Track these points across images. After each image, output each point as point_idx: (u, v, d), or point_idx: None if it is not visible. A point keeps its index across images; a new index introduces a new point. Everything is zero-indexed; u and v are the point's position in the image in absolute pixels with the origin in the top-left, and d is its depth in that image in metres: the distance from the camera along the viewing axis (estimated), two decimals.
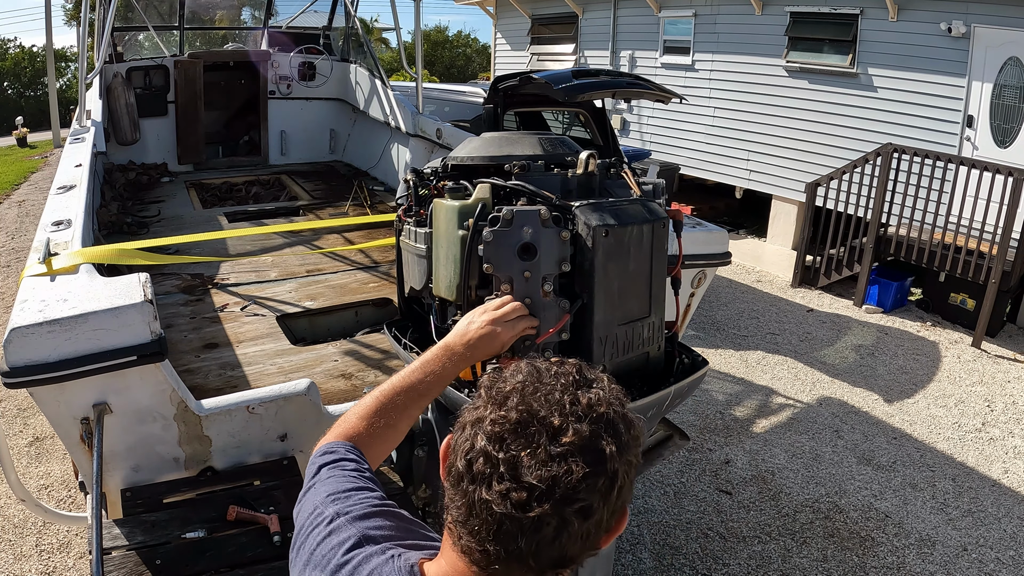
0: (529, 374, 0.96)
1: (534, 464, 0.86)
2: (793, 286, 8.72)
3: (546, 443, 0.87)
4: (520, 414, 0.89)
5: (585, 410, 0.90)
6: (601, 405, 0.91)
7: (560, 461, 0.86)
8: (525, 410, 0.90)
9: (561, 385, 0.93)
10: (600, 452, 0.87)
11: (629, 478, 0.91)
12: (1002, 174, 6.80)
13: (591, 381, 0.96)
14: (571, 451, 0.86)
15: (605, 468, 0.87)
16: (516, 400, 0.91)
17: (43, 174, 14.85)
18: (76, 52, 25.42)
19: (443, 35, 38.41)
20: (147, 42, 7.77)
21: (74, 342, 2.13)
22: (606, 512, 0.89)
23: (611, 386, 0.97)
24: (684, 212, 2.67)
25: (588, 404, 0.91)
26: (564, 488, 0.85)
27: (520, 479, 0.86)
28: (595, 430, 0.88)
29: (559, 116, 8.53)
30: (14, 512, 4.21)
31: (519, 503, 0.85)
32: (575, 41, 12.87)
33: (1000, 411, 5.81)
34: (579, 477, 0.85)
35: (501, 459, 0.87)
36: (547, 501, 0.85)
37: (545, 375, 0.95)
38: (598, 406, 0.91)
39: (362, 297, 3.91)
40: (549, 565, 0.89)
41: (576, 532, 0.87)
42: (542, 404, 0.90)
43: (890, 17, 8.32)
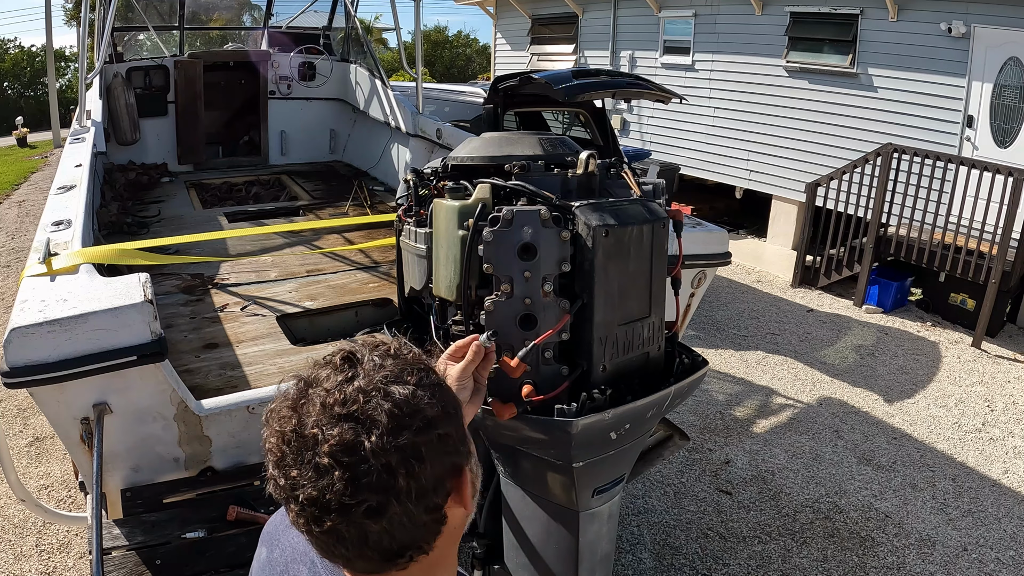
0: (297, 384, 0.93)
1: (306, 483, 0.85)
2: (793, 286, 8.72)
3: (310, 458, 0.85)
4: (287, 434, 0.88)
5: (339, 409, 0.87)
6: (356, 399, 0.87)
7: (325, 474, 0.84)
8: (291, 428, 0.88)
9: (323, 388, 0.89)
10: (359, 450, 0.85)
11: (420, 458, 0.87)
12: (1002, 174, 6.80)
13: (356, 369, 0.92)
14: (330, 462, 0.84)
15: (370, 465, 0.84)
16: (283, 417, 0.89)
17: (43, 174, 14.85)
18: (76, 52, 25.44)
19: (443, 35, 38.41)
20: (147, 42, 7.78)
21: (74, 342, 2.13)
22: (408, 500, 0.87)
23: (384, 362, 0.94)
24: (684, 212, 2.68)
25: (341, 402, 0.87)
26: (338, 499, 0.84)
27: (299, 500, 0.86)
28: (349, 429, 0.85)
29: (559, 116, 8.54)
30: (14, 512, 4.21)
31: (313, 520, 0.86)
32: (575, 41, 12.87)
33: (1000, 411, 5.81)
34: (342, 486, 0.84)
35: (283, 484, 0.88)
36: (331, 513, 0.85)
37: (312, 378, 0.92)
38: (353, 401, 0.87)
39: (362, 297, 3.91)
40: (387, 557, 0.90)
41: (383, 528, 0.87)
42: (303, 415, 0.88)
43: (890, 17, 8.32)
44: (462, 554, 3.92)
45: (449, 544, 0.99)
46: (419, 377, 0.93)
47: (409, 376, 0.92)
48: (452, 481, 0.93)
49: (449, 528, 0.95)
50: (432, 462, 0.89)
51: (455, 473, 0.93)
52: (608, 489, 2.00)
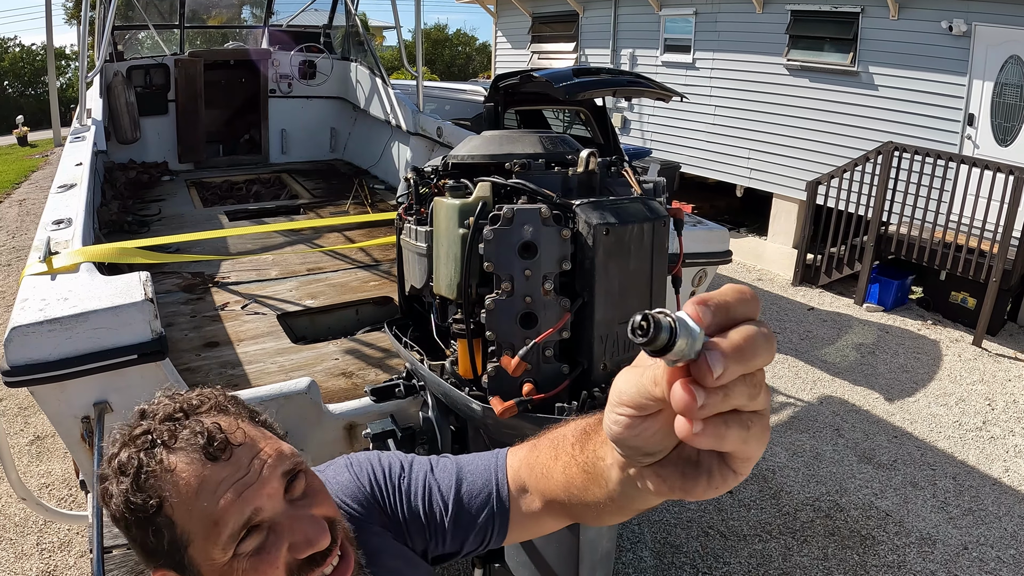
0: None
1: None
2: (794, 284, 8.72)
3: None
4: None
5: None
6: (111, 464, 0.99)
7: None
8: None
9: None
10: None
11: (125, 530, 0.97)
12: (1003, 173, 6.79)
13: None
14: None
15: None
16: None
17: (43, 173, 14.85)
18: (76, 51, 25.41)
19: (443, 33, 38.37)
20: (147, 41, 7.77)
21: (75, 341, 2.13)
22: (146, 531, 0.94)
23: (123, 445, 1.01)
24: (685, 210, 2.67)
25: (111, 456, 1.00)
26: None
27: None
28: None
29: (560, 114, 8.54)
30: (15, 511, 4.21)
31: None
32: (576, 39, 12.86)
33: (1001, 410, 5.81)
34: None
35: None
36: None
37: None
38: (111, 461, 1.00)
39: (363, 295, 3.91)
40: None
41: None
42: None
43: (891, 15, 8.31)
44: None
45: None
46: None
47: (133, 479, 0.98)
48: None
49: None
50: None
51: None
52: None
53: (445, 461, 1.19)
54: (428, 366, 2.20)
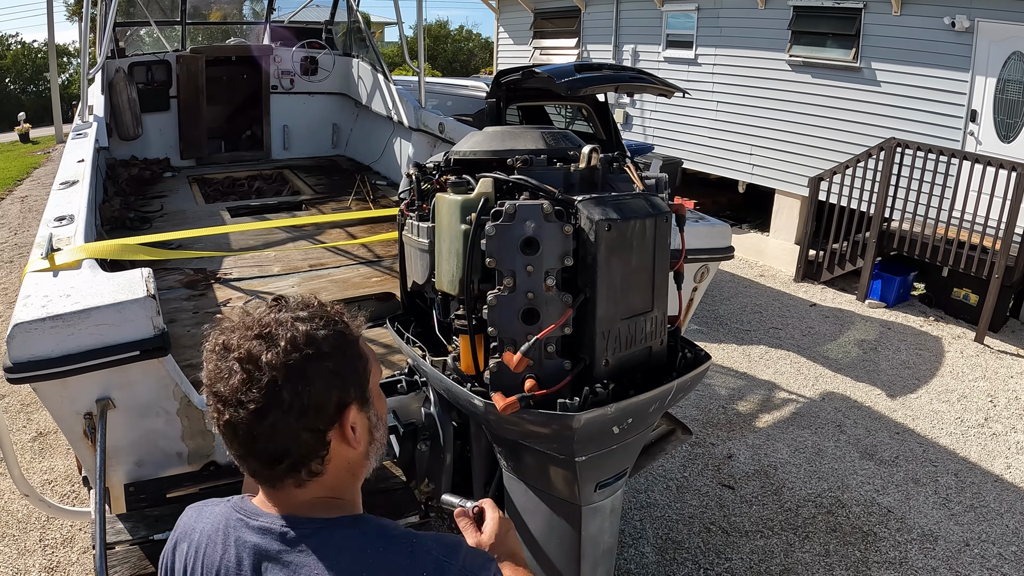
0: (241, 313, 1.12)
1: (219, 380, 1.05)
2: (796, 281, 8.71)
3: (224, 362, 1.06)
4: (219, 345, 1.08)
5: (256, 329, 1.06)
6: (270, 324, 1.07)
7: (230, 375, 1.04)
8: (223, 342, 1.08)
9: (251, 316, 1.10)
10: (257, 361, 1.03)
11: (305, 380, 1.04)
12: (1005, 169, 6.77)
13: (279, 308, 1.12)
14: (236, 366, 1.04)
15: (263, 374, 1.03)
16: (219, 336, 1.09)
17: (45, 170, 14.86)
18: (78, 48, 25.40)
19: (445, 29, 38.31)
20: (149, 37, 7.77)
21: (77, 337, 2.13)
22: (289, 413, 1.03)
23: (306, 306, 1.12)
24: (687, 206, 2.67)
25: (259, 324, 1.07)
26: (235, 395, 1.03)
27: (212, 390, 1.06)
28: (256, 344, 1.04)
29: (562, 110, 8.52)
30: (18, 507, 4.22)
31: (217, 411, 1.06)
32: (578, 35, 12.84)
33: (1003, 406, 5.80)
34: (240, 384, 1.03)
35: (205, 383, 1.08)
36: (228, 407, 1.04)
37: (251, 310, 1.13)
38: (267, 325, 1.07)
39: (365, 292, 3.91)
40: (271, 460, 1.06)
41: (265, 430, 1.03)
42: (228, 332, 1.08)
43: (893, 11, 8.29)
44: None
45: (345, 478, 1.14)
46: (327, 322, 1.11)
47: (319, 319, 1.10)
48: (336, 413, 1.08)
49: (337, 458, 1.10)
50: (316, 387, 1.05)
51: (340, 407, 1.08)
52: (611, 483, 2.01)
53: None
54: (430, 362, 2.20)
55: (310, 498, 1.10)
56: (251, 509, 1.14)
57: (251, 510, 1.14)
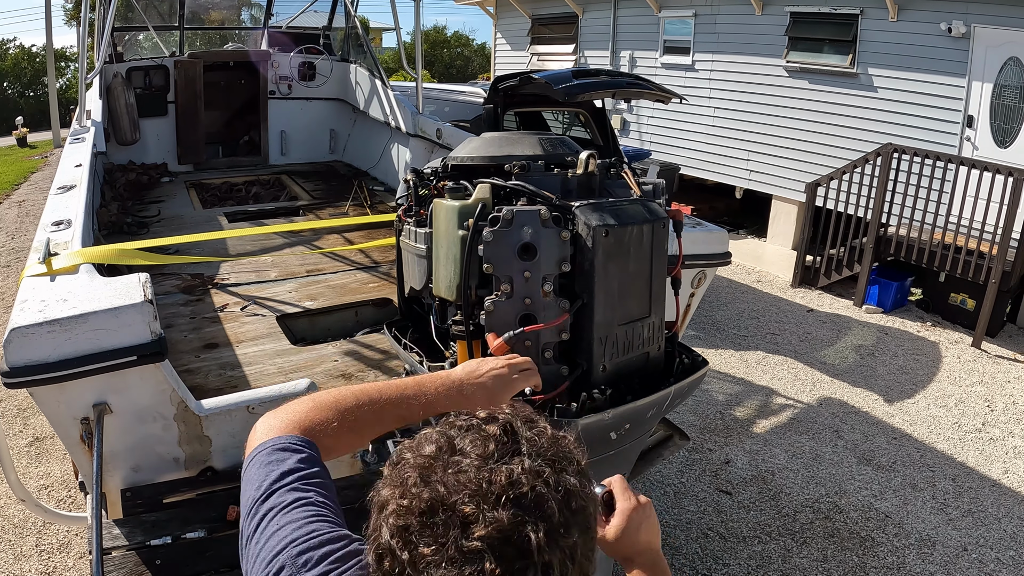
0: (440, 442, 0.80)
1: (445, 564, 0.72)
2: (793, 286, 8.72)
3: (456, 537, 0.73)
4: (424, 502, 0.75)
5: (504, 489, 0.75)
6: (526, 481, 0.76)
7: (473, 560, 0.72)
8: (430, 496, 0.75)
9: (477, 456, 0.77)
10: (523, 544, 0.73)
11: (574, 559, 0.77)
12: (1002, 174, 6.79)
13: (518, 445, 0.80)
14: (485, 547, 0.72)
15: (531, 562, 0.73)
16: (420, 480, 0.77)
17: (43, 174, 14.84)
18: (76, 52, 25.43)
19: (442, 35, 38.38)
20: (147, 42, 7.77)
21: (74, 342, 2.13)
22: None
23: (550, 445, 0.82)
24: (684, 212, 2.68)
25: (508, 482, 0.75)
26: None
27: (420, 569, 0.73)
28: (516, 516, 0.73)
29: (559, 116, 8.53)
30: (14, 512, 4.21)
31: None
32: (575, 41, 12.86)
33: (1000, 411, 5.81)
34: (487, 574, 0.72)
35: (405, 559, 0.74)
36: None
37: (460, 441, 0.80)
38: (521, 483, 0.75)
39: (362, 297, 3.91)
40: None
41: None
42: (451, 485, 0.75)
43: (890, 17, 8.32)
44: None
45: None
46: (577, 467, 0.82)
47: (570, 465, 0.81)
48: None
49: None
50: (579, 565, 0.78)
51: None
52: None
53: None
54: (428, 368, 2.20)
55: None
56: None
57: None
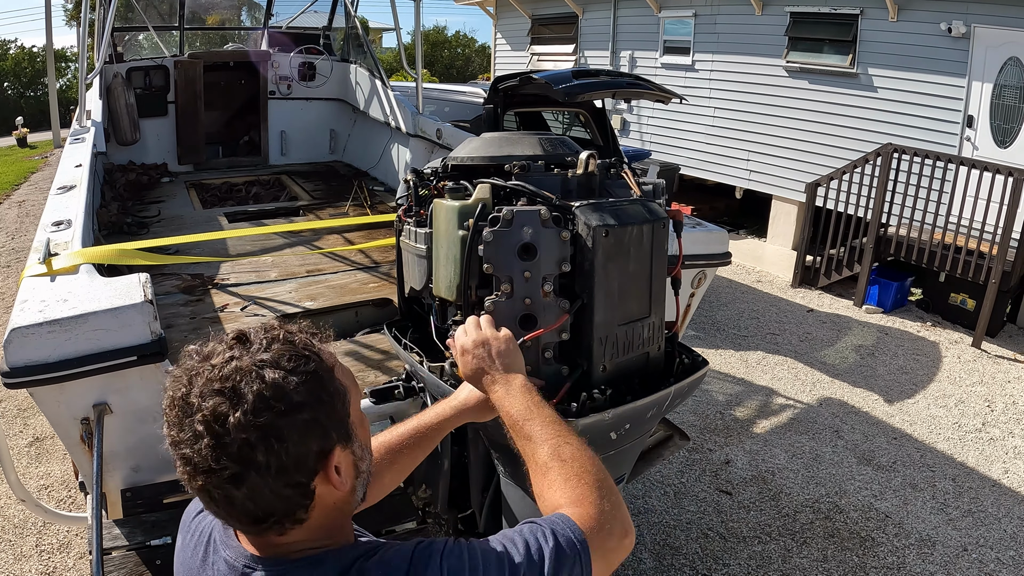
0: (198, 358, 1.01)
1: (184, 443, 0.96)
2: (793, 286, 8.72)
3: (188, 423, 0.95)
4: (179, 399, 0.97)
5: (216, 383, 0.96)
6: (229, 375, 0.96)
7: (196, 439, 0.94)
8: (182, 395, 0.97)
9: (211, 364, 0.98)
10: (224, 423, 0.93)
11: (280, 438, 0.95)
12: (1002, 174, 6.80)
13: (246, 349, 1.01)
14: (203, 428, 0.93)
15: (233, 438, 0.93)
16: (178, 386, 0.98)
17: (43, 174, 14.85)
18: (76, 52, 25.41)
19: (442, 35, 38.38)
20: (147, 42, 7.77)
21: (74, 342, 2.13)
22: (267, 474, 0.95)
23: (269, 346, 1.01)
24: (684, 212, 2.68)
25: (220, 376, 0.96)
26: (205, 463, 0.94)
27: (179, 452, 0.97)
28: (219, 403, 0.94)
29: (559, 116, 8.54)
30: (14, 512, 4.21)
31: (188, 477, 0.97)
32: (575, 41, 12.87)
33: (1000, 411, 5.81)
34: (209, 451, 0.93)
35: (169, 442, 0.98)
36: (199, 473, 0.95)
37: (209, 351, 1.02)
38: (227, 378, 0.96)
39: (362, 297, 3.90)
40: (252, 522, 0.99)
41: (244, 495, 0.95)
42: (193, 384, 0.97)
43: (890, 17, 8.32)
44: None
45: (332, 516, 1.05)
46: (297, 364, 1.00)
47: (288, 362, 0.99)
48: (319, 462, 1.00)
49: (322, 503, 1.02)
50: (293, 443, 0.96)
51: (321, 456, 1.00)
52: None
53: None
54: (428, 368, 2.20)
55: (291, 541, 1.03)
56: (228, 536, 1.09)
57: (227, 537, 1.09)
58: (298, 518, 1.00)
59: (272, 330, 1.05)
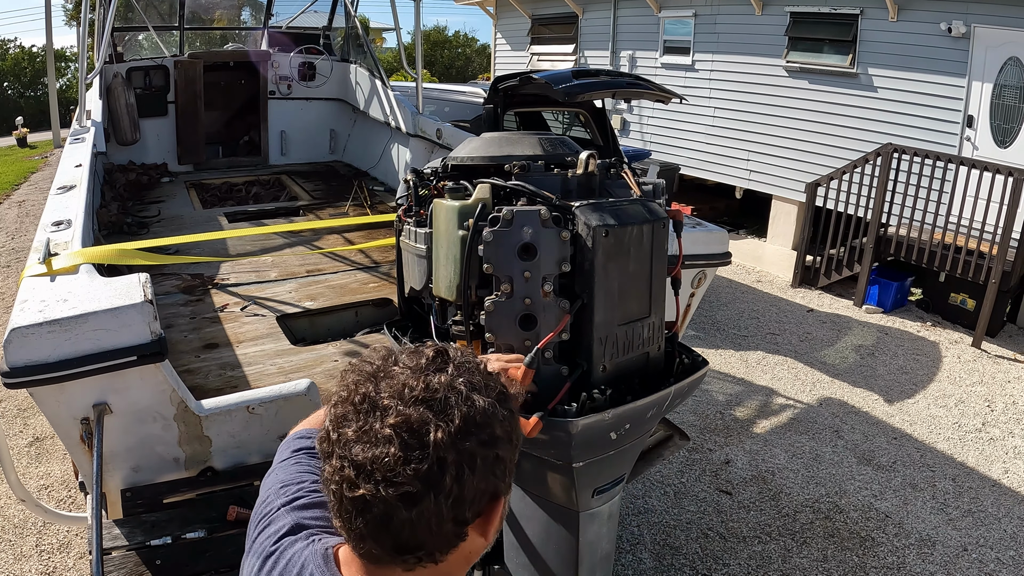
0: (384, 355, 0.97)
1: (360, 443, 0.87)
2: (793, 286, 8.72)
3: (372, 424, 0.88)
4: (356, 395, 0.91)
5: (420, 392, 0.89)
6: (439, 389, 0.90)
7: (381, 444, 0.86)
8: (362, 392, 0.91)
9: (409, 367, 0.93)
10: (424, 437, 0.86)
11: (473, 467, 0.89)
12: (1002, 174, 6.79)
13: (446, 365, 0.95)
14: (393, 434, 0.86)
15: (427, 453, 0.86)
16: (359, 381, 0.93)
17: (43, 174, 14.85)
18: (76, 52, 25.42)
19: (442, 35, 38.38)
20: (147, 42, 7.77)
21: (74, 342, 2.13)
22: (444, 502, 0.88)
23: (475, 372, 0.96)
24: (684, 212, 2.68)
25: (425, 386, 0.90)
26: (382, 470, 0.85)
27: (345, 452, 0.88)
28: (423, 415, 0.88)
29: (559, 116, 8.54)
30: (14, 512, 4.21)
31: (347, 480, 0.88)
32: (575, 41, 12.87)
33: (1000, 411, 5.81)
34: (394, 460, 0.85)
35: (335, 439, 0.90)
36: (368, 481, 0.86)
37: (399, 357, 0.97)
38: (436, 390, 0.90)
39: (362, 297, 3.91)
40: (395, 550, 0.90)
41: (408, 518, 0.87)
42: (381, 386, 0.91)
43: (890, 17, 8.32)
44: None
45: (461, 566, 0.98)
46: (500, 398, 0.95)
47: (492, 393, 0.94)
48: (487, 504, 0.94)
49: (464, 549, 0.95)
50: (480, 477, 0.90)
51: (493, 498, 0.94)
52: (608, 489, 2.00)
53: None
54: None
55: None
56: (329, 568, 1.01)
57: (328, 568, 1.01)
58: (437, 558, 0.93)
59: (469, 354, 1.00)
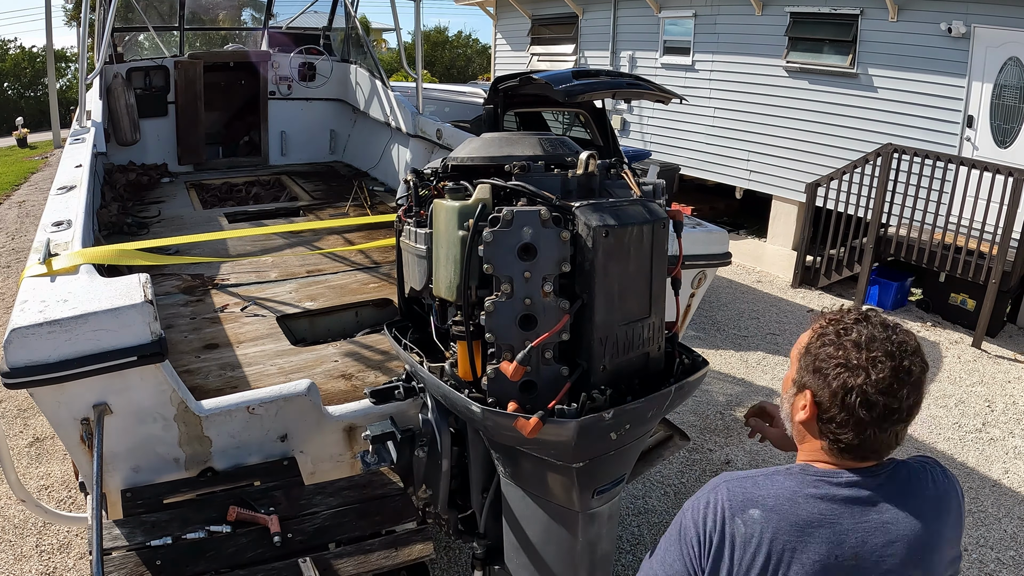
0: (859, 331, 1.37)
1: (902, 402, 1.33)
2: (793, 286, 8.72)
3: (904, 378, 1.32)
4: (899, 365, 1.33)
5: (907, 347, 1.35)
6: (910, 349, 1.36)
7: (910, 393, 1.33)
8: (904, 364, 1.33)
9: (881, 336, 1.36)
10: (921, 382, 1.35)
11: (918, 405, 1.37)
12: (1002, 174, 6.79)
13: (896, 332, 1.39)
14: (915, 381, 1.34)
15: (920, 391, 1.36)
16: (882, 356, 1.33)
17: (43, 175, 14.85)
18: (76, 53, 25.45)
19: (443, 36, 38.38)
20: (147, 43, 7.78)
21: (74, 342, 2.13)
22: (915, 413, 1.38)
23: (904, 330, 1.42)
24: (684, 212, 2.68)
25: (916, 348, 1.37)
26: (910, 412, 1.35)
27: (885, 406, 1.32)
28: (923, 368, 1.36)
29: (559, 116, 8.53)
30: (14, 512, 4.21)
31: (877, 420, 1.33)
32: (575, 41, 12.87)
33: (1000, 411, 5.81)
34: (912, 403, 1.35)
35: (882, 404, 1.32)
36: (899, 423, 1.35)
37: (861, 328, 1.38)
38: (916, 350, 1.37)
39: (362, 298, 3.91)
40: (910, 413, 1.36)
41: (901, 432, 1.39)
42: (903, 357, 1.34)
43: (890, 17, 8.32)
44: (462, 554, 3.91)
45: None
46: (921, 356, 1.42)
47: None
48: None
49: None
50: (912, 415, 1.38)
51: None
52: (608, 489, 2.01)
53: None
54: (428, 368, 2.20)
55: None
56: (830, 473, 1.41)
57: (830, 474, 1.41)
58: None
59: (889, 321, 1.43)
